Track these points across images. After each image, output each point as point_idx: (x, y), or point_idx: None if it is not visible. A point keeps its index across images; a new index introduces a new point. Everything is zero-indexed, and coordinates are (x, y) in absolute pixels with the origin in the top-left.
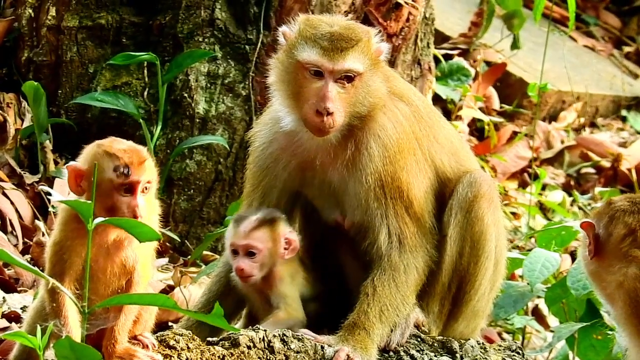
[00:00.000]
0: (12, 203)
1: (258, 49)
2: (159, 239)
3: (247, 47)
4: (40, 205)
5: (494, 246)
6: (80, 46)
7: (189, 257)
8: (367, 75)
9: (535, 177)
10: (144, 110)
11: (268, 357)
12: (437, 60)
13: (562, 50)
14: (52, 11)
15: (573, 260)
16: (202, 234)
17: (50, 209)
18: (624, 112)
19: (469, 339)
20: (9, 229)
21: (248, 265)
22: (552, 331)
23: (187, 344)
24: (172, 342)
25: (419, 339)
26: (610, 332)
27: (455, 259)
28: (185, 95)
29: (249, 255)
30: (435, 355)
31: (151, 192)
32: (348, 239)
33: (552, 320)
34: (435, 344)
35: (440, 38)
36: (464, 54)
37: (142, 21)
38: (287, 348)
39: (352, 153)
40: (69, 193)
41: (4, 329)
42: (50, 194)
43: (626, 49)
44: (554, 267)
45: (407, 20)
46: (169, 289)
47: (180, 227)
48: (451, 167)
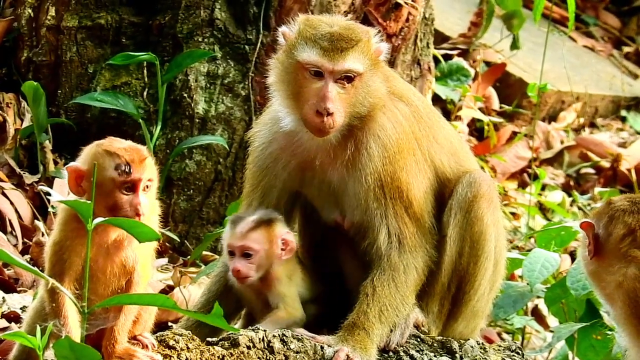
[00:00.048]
0: (11, 203)
1: (258, 49)
2: (159, 239)
3: (247, 47)
4: (40, 205)
5: (494, 246)
6: (80, 46)
7: (189, 257)
8: (367, 76)
9: (535, 177)
10: (144, 110)
11: (268, 357)
12: (436, 60)
13: (561, 51)
14: (52, 11)
15: (573, 261)
16: (201, 234)
17: (49, 209)
18: (623, 113)
19: (468, 339)
20: (9, 229)
21: (244, 266)
22: (551, 331)
23: (186, 344)
24: (171, 342)
25: (419, 339)
26: (609, 332)
27: (454, 259)
28: (185, 95)
29: (245, 256)
30: (434, 356)
31: (152, 191)
32: (348, 239)
33: (552, 321)
34: (435, 344)
35: (440, 38)
36: (464, 54)
37: (142, 21)
38: (287, 348)
39: (351, 153)
40: (69, 193)
41: (4, 329)
42: (49, 194)
43: (626, 49)
44: (554, 267)
45: (407, 20)
46: (168, 289)
47: (179, 227)
48: (451, 167)
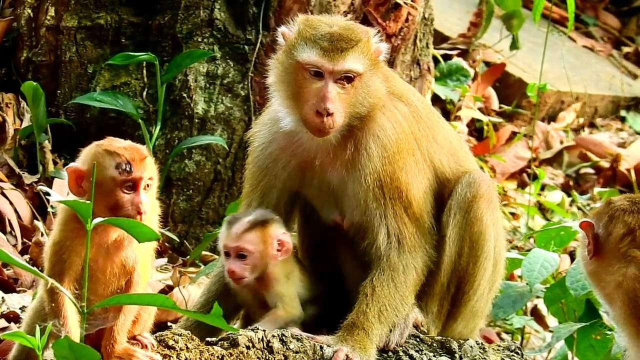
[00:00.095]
0: (11, 203)
1: (257, 49)
2: (159, 239)
3: (246, 47)
4: (39, 205)
5: (493, 246)
6: (79, 46)
7: (188, 257)
8: (366, 76)
9: (534, 177)
10: (143, 111)
11: (267, 357)
12: (436, 60)
13: (561, 51)
14: (51, 11)
15: (572, 261)
16: (201, 234)
17: (49, 209)
18: (623, 113)
19: (467, 339)
20: (8, 229)
21: (239, 267)
22: (551, 331)
23: (186, 344)
24: (171, 342)
25: (418, 339)
26: (609, 332)
27: (454, 259)
28: (184, 95)
29: (240, 257)
30: (434, 356)
31: (152, 190)
32: (347, 239)
33: (551, 321)
34: (434, 344)
35: (440, 38)
36: (463, 54)
37: (141, 21)
38: (286, 348)
39: (351, 153)
40: (68, 193)
41: (3, 329)
42: (49, 194)
43: (625, 49)
44: (553, 267)
45: (406, 20)
46: (168, 289)
47: (179, 227)
48: (450, 168)
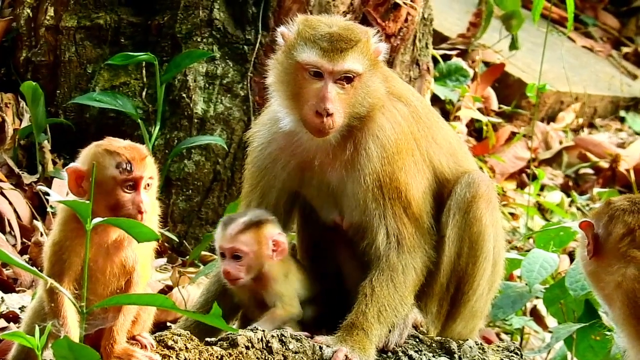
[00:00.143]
0: (10, 203)
1: (256, 49)
2: (158, 239)
3: (246, 47)
4: (39, 205)
5: (492, 247)
6: (79, 46)
7: (187, 257)
8: (366, 76)
9: (534, 177)
10: (143, 111)
11: (266, 358)
12: (435, 60)
13: (560, 51)
14: (51, 11)
15: (571, 261)
16: (200, 234)
17: (48, 209)
18: (622, 113)
19: (467, 340)
20: (7, 229)
21: (234, 268)
22: (550, 332)
23: (185, 344)
24: (170, 342)
25: (417, 340)
26: (608, 333)
27: (453, 260)
28: (184, 95)
29: (235, 258)
30: (433, 356)
31: (153, 190)
32: (346, 239)
33: (551, 321)
34: (434, 345)
35: (439, 38)
36: (463, 54)
37: (141, 21)
38: (286, 348)
39: (350, 153)
40: (68, 193)
41: (3, 329)
42: (48, 194)
43: (625, 49)
44: (553, 267)
45: (406, 20)
46: (167, 289)
47: (178, 227)
48: (449, 168)
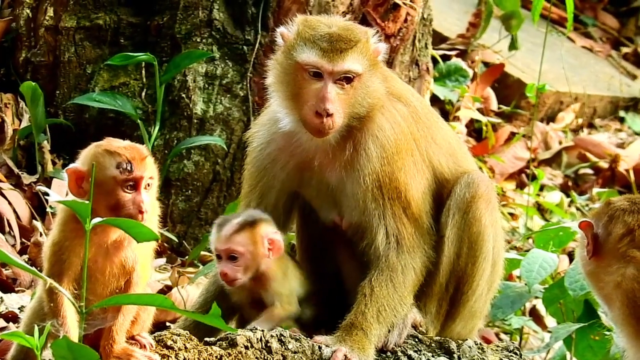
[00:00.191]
0: (9, 203)
1: (256, 49)
2: (158, 239)
3: (245, 47)
4: (38, 205)
5: (492, 247)
6: (78, 47)
7: (187, 257)
8: (366, 76)
9: (533, 177)
10: (142, 111)
11: (265, 357)
12: (435, 61)
13: (560, 51)
14: (50, 11)
15: (571, 261)
16: (199, 234)
17: (47, 209)
18: (621, 113)
19: (466, 340)
20: (7, 229)
21: (231, 269)
22: (549, 332)
23: (184, 344)
24: (169, 342)
25: (417, 340)
26: (607, 333)
27: (452, 260)
28: (183, 95)
29: (231, 259)
30: (432, 356)
31: (153, 190)
32: (346, 239)
33: (550, 321)
34: (433, 345)
35: (438, 39)
36: (462, 54)
37: (140, 22)
38: (285, 348)
39: (350, 154)
40: (67, 193)
41: (2, 329)
42: (47, 194)
43: (624, 49)
44: (552, 267)
45: (405, 20)
46: (166, 289)
47: (178, 227)
48: (449, 168)
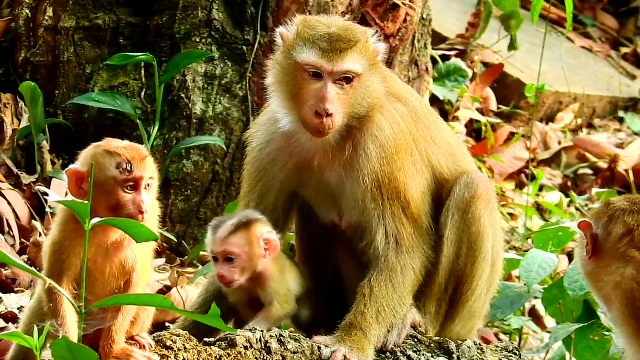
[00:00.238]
0: (9, 203)
1: (255, 49)
2: (157, 239)
3: (245, 47)
4: (38, 205)
5: (491, 247)
6: (78, 47)
7: (186, 257)
8: (365, 76)
9: (533, 178)
10: (141, 111)
11: (265, 358)
12: (434, 61)
13: (559, 52)
14: (50, 12)
15: (570, 261)
16: (199, 234)
17: (47, 210)
18: (621, 113)
19: (466, 340)
20: (6, 229)
21: (228, 271)
22: (549, 332)
23: (184, 345)
24: (169, 343)
25: (416, 340)
26: (607, 333)
27: (452, 260)
28: (183, 96)
29: (228, 261)
30: (432, 356)
31: (153, 190)
32: (345, 239)
33: (549, 321)
34: (432, 345)
35: (438, 39)
36: (462, 54)
37: (140, 22)
38: (284, 349)
39: (349, 154)
40: (67, 193)
41: (1, 330)
42: (47, 194)
43: (623, 50)
44: (551, 268)
45: (405, 21)
46: (166, 290)
47: (177, 227)
48: (448, 168)
